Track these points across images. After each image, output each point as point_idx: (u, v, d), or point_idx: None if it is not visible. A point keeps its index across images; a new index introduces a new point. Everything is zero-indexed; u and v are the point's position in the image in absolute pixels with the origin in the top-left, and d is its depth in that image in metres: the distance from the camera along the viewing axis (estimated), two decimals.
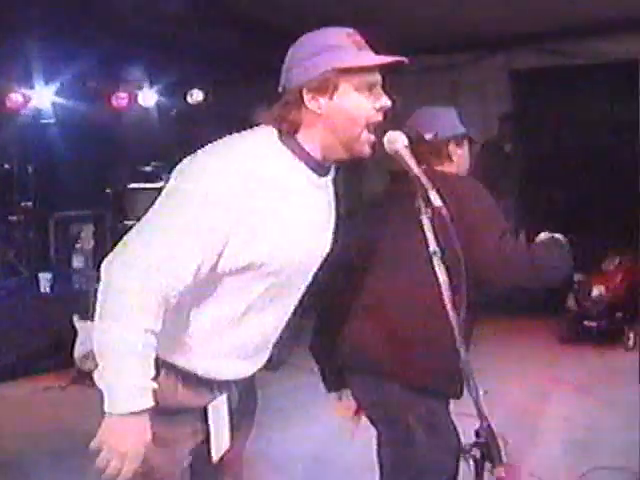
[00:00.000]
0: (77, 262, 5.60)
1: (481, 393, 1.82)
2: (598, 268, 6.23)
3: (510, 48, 7.48)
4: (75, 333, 5.33)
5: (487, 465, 1.82)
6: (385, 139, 1.87)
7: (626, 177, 8.14)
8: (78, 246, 5.51)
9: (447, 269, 1.80)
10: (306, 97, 1.74)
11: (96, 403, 1.64)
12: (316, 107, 1.75)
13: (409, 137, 1.90)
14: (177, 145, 7.65)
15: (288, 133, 1.76)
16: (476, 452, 1.81)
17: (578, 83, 8.24)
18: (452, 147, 2.53)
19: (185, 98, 7.73)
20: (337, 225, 1.96)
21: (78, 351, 5.29)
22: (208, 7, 6.50)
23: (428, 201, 1.78)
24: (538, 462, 3.93)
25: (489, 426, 1.80)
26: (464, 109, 6.96)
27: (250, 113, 1.84)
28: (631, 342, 6.01)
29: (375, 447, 2.49)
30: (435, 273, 1.79)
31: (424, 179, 1.80)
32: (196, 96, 7.66)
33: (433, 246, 1.80)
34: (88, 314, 5.35)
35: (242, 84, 7.94)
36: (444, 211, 1.75)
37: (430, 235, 1.80)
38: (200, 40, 7.08)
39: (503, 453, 1.78)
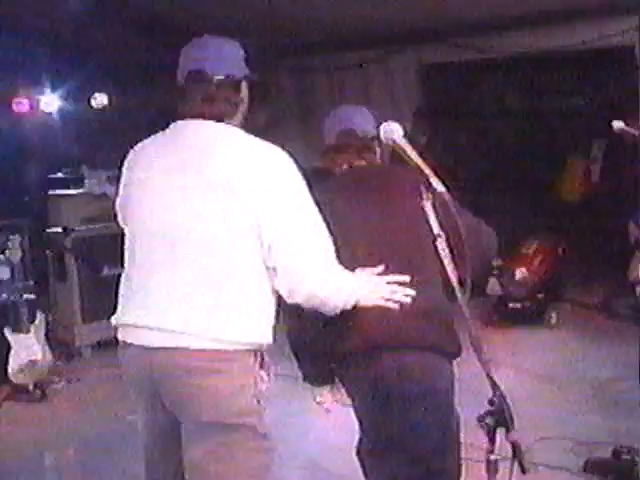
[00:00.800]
0: (2, 274, 5.41)
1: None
2: (518, 252, 6.51)
3: (419, 44, 7.67)
4: (8, 346, 5.16)
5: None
6: (381, 129, 1.95)
7: (534, 165, 8.59)
8: (3, 257, 5.32)
9: (451, 250, 1.89)
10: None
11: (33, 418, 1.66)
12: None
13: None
14: (84, 150, 7.56)
15: None
16: (490, 420, 1.91)
17: (484, 76, 8.64)
18: (375, 143, 2.63)
19: (89, 102, 7.52)
20: None
21: (12, 365, 5.12)
22: (111, 8, 6.43)
23: (430, 187, 1.87)
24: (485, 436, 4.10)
25: (501, 395, 1.91)
26: (375, 105, 7.19)
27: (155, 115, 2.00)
28: (553, 320, 6.33)
29: None
30: (439, 254, 1.89)
31: (425, 167, 1.89)
32: (100, 100, 7.46)
33: (437, 229, 1.90)
34: (20, 326, 5.21)
35: (147, 87, 7.86)
36: (446, 195, 1.85)
37: (433, 219, 1.90)
38: (104, 42, 6.98)
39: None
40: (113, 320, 2.23)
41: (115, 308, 2.22)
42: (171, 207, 2.07)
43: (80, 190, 6.50)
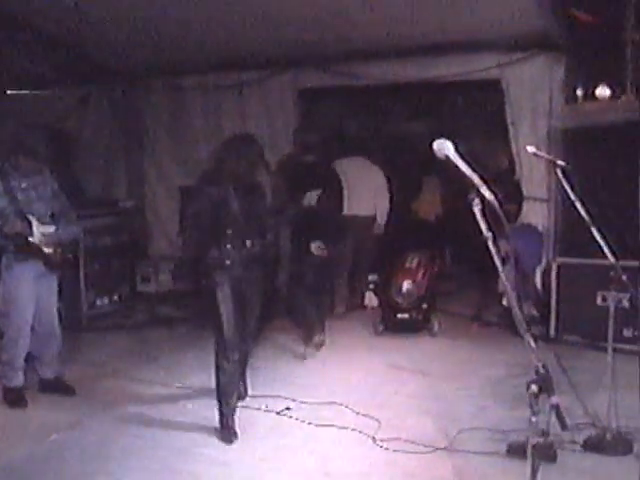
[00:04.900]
0: None
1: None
2: (402, 266, 7.02)
3: (297, 67, 8.04)
4: None
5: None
6: (435, 146, 2.26)
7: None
8: None
9: (498, 249, 2.24)
10: None
11: None
12: None
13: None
14: None
15: None
16: (534, 386, 2.26)
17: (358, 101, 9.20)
18: None
19: None
20: None
21: None
22: None
23: (479, 195, 2.21)
24: (415, 432, 4.50)
25: (544, 366, 2.26)
26: (252, 125, 7.73)
27: None
28: (435, 329, 6.88)
29: None
30: (490, 253, 2.22)
31: (475, 177, 2.22)
32: None
33: (485, 231, 2.23)
34: None
35: None
36: (495, 203, 2.19)
37: (482, 222, 2.23)
38: None
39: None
40: None
41: None
42: None
43: None
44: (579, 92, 6.59)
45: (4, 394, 5.26)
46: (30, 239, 5.02)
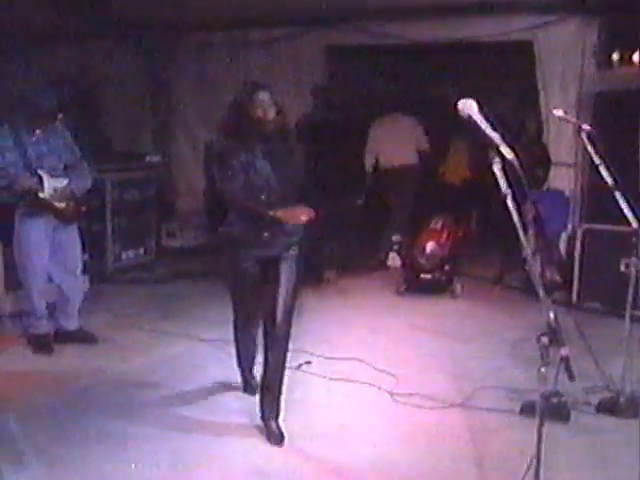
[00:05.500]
0: None
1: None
2: (427, 228, 7.03)
3: (327, 25, 7.99)
4: None
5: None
6: (459, 105, 2.28)
7: None
8: None
9: (517, 205, 2.25)
10: None
11: None
12: None
13: None
14: None
15: None
16: (545, 339, 2.29)
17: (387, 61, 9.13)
18: None
19: None
20: None
21: None
22: None
23: (499, 154, 2.22)
24: (431, 389, 4.57)
25: (556, 320, 2.29)
26: (280, 83, 7.63)
27: None
28: (458, 291, 6.92)
29: None
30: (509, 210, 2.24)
31: (496, 137, 2.23)
32: None
33: (504, 189, 2.25)
34: None
35: None
36: (515, 162, 2.21)
37: (502, 180, 2.25)
38: None
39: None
40: None
41: None
42: None
43: None
44: (615, 56, 6.49)
45: (29, 341, 5.40)
46: (40, 195, 5.02)
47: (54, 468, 3.59)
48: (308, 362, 4.98)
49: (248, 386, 4.52)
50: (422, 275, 6.83)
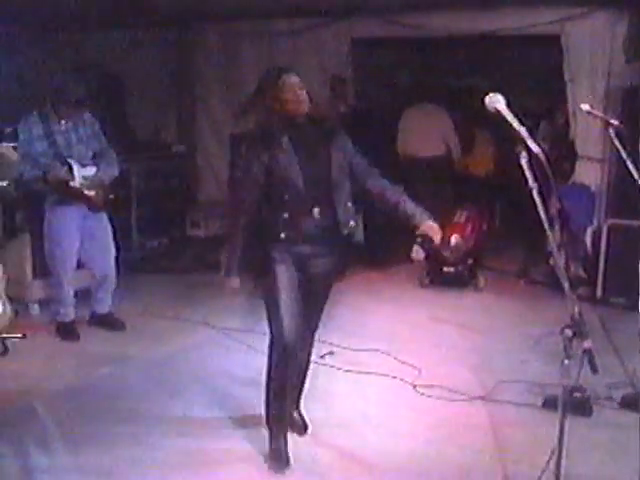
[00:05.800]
0: None
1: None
2: (451, 220, 7.02)
3: (352, 16, 7.97)
4: None
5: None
6: (487, 99, 2.28)
7: None
8: None
9: (543, 199, 2.26)
10: None
11: None
12: None
13: None
14: None
15: None
16: (569, 332, 2.30)
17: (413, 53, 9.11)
18: None
19: None
20: None
21: None
22: None
23: (527, 148, 2.22)
24: (454, 382, 4.58)
25: (580, 313, 2.30)
26: (303, 74, 7.62)
27: None
28: (481, 284, 6.90)
29: None
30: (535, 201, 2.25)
31: (523, 131, 2.24)
32: None
33: (531, 182, 2.25)
34: None
35: None
36: (542, 156, 2.21)
37: (529, 173, 2.25)
38: None
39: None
40: None
41: None
42: None
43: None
44: None
45: (57, 328, 5.49)
46: (71, 183, 5.09)
47: (82, 449, 3.67)
48: (331, 353, 5.01)
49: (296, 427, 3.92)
50: (446, 268, 6.82)
